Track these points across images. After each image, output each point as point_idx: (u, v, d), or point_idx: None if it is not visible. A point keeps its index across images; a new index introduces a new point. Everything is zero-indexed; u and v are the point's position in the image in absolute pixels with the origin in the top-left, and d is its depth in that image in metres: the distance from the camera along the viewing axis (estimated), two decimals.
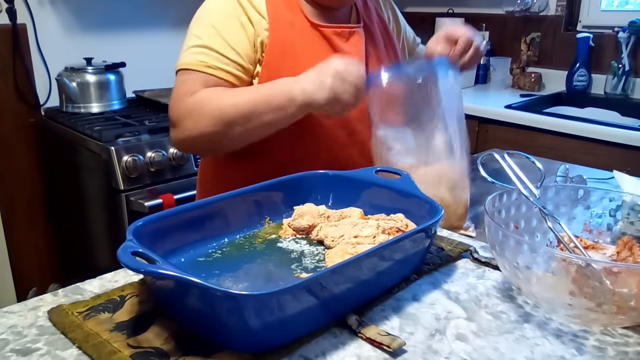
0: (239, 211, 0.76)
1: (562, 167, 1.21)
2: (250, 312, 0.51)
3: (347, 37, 1.05)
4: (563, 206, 0.78)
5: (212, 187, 1.09)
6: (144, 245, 0.57)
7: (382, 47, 1.13)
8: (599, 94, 2.31)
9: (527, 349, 0.57)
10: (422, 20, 2.88)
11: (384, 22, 1.18)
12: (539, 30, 2.51)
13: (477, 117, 2.13)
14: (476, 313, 0.64)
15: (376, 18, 1.15)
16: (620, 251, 0.69)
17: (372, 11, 1.15)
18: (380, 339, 0.56)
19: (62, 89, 1.99)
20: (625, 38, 2.19)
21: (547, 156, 1.48)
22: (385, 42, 1.15)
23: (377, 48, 1.12)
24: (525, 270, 0.62)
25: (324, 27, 1.02)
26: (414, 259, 0.70)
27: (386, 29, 1.17)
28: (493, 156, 0.77)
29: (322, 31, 1.02)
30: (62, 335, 0.57)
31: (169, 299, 0.59)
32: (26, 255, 2.13)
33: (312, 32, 1.01)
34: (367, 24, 1.11)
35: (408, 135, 0.93)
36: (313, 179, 0.88)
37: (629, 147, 1.75)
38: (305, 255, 0.73)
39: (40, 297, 0.65)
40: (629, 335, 0.60)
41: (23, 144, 2.05)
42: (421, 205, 0.76)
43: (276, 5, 0.99)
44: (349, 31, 1.05)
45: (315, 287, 0.55)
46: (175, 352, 0.54)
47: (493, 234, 0.65)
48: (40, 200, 2.14)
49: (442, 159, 0.92)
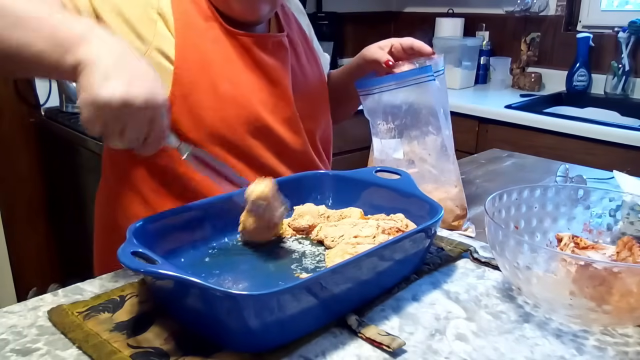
0: (239, 211, 0.76)
1: (562, 167, 1.21)
2: (250, 312, 0.51)
3: (270, 48, 0.91)
4: (563, 206, 0.78)
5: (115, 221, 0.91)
6: (144, 245, 0.57)
7: (305, 59, 1.00)
8: (599, 94, 2.31)
9: (527, 349, 0.57)
10: (422, 20, 2.88)
11: (303, 31, 1.05)
12: (539, 30, 2.51)
13: (477, 117, 2.13)
14: (476, 313, 0.64)
15: (295, 26, 1.02)
16: (620, 251, 0.69)
17: (291, 18, 1.02)
18: (380, 339, 0.56)
19: (62, 89, 1.99)
20: (625, 38, 2.19)
21: (547, 156, 1.48)
22: (307, 54, 1.02)
23: (300, 61, 0.99)
24: (525, 270, 0.62)
25: (243, 36, 0.87)
26: (414, 259, 0.70)
27: (306, 39, 1.04)
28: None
29: (240, 40, 0.87)
30: (62, 335, 0.57)
31: (169, 299, 0.59)
32: (26, 255, 2.13)
33: (228, 42, 0.86)
34: (289, 33, 0.97)
35: (403, 141, 0.94)
36: (313, 179, 0.88)
37: (629, 147, 1.75)
38: (306, 255, 0.73)
39: (40, 297, 0.65)
40: (629, 335, 0.60)
41: (23, 144, 2.05)
42: (421, 205, 0.76)
43: (183, 5, 0.84)
44: (272, 41, 0.91)
45: (315, 287, 0.55)
46: (175, 352, 0.54)
47: (493, 234, 0.65)
48: (40, 200, 2.14)
49: (439, 161, 0.92)
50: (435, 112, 0.91)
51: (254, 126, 0.87)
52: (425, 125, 0.92)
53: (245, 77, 0.87)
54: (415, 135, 0.93)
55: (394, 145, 0.94)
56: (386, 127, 0.94)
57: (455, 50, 2.52)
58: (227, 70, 0.86)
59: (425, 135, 0.92)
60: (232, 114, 0.85)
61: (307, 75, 1.00)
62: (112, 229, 0.92)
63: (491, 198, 0.72)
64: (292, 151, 0.93)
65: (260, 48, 0.89)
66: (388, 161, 0.94)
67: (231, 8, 0.86)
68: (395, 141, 0.94)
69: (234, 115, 0.85)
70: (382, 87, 0.93)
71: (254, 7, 0.87)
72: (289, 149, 0.93)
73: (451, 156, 0.92)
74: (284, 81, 0.91)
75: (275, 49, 0.92)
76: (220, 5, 0.87)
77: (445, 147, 0.91)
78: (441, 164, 0.92)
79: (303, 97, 0.96)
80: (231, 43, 0.87)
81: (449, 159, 0.92)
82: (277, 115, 0.90)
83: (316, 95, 1.02)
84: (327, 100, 1.05)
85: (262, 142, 0.89)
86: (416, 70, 0.92)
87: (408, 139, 0.93)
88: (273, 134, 0.90)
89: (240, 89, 0.86)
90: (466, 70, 2.56)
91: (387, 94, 0.94)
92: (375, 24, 3.04)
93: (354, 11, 2.93)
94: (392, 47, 0.97)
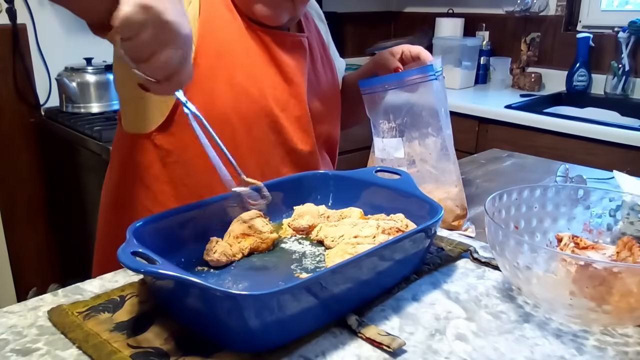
0: (239, 211, 0.76)
1: (562, 167, 1.21)
2: (250, 312, 0.51)
3: (289, 47, 0.92)
4: (563, 206, 0.78)
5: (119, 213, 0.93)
6: (144, 245, 0.57)
7: (320, 64, 1.01)
8: (599, 94, 2.32)
9: (527, 349, 0.57)
10: (422, 20, 2.88)
11: (321, 37, 1.06)
12: (539, 30, 2.51)
13: (477, 117, 2.13)
14: (476, 313, 0.64)
15: (315, 31, 1.04)
16: (620, 251, 0.69)
17: (311, 23, 1.03)
18: (380, 339, 0.56)
19: (62, 89, 1.99)
20: (625, 38, 2.19)
21: (547, 156, 1.48)
22: (323, 60, 1.03)
23: (316, 65, 1.00)
24: (525, 270, 0.62)
25: (263, 33, 0.90)
26: (413, 259, 0.70)
27: (323, 45, 1.05)
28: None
29: (260, 36, 0.89)
30: (62, 335, 0.57)
31: (169, 299, 0.59)
32: (26, 255, 2.13)
33: (249, 35, 0.89)
34: (308, 36, 0.98)
35: (404, 142, 0.94)
36: (313, 179, 0.88)
37: (629, 147, 1.75)
38: (306, 256, 0.73)
39: (40, 297, 0.65)
40: (629, 335, 0.60)
41: (23, 144, 2.05)
42: (421, 205, 0.76)
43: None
44: (291, 40, 0.93)
45: (315, 287, 0.55)
46: (175, 352, 0.54)
47: (493, 234, 0.65)
48: (40, 200, 2.14)
49: (440, 161, 0.92)
50: (436, 112, 0.91)
51: (265, 121, 0.88)
52: (425, 125, 0.92)
53: (261, 72, 0.89)
54: (416, 135, 0.93)
55: (395, 144, 0.94)
56: (388, 126, 0.94)
57: (455, 50, 2.52)
58: (244, 62, 0.87)
59: (426, 135, 0.92)
60: (245, 105, 0.86)
61: (321, 80, 1.01)
62: (114, 219, 0.94)
63: (491, 198, 0.72)
64: (299, 151, 0.94)
65: (278, 45, 0.91)
66: (388, 161, 0.94)
67: (253, 12, 0.88)
68: (396, 140, 0.94)
69: (246, 108, 0.86)
70: (385, 86, 0.94)
71: (276, 14, 0.88)
72: (297, 149, 0.94)
73: (451, 156, 0.92)
74: (298, 80, 0.92)
75: (294, 48, 0.93)
76: (243, 7, 0.89)
77: (446, 147, 0.92)
78: (441, 164, 0.92)
79: (316, 100, 0.97)
80: (251, 37, 0.89)
81: (449, 159, 0.92)
82: (289, 113, 0.91)
83: (328, 100, 1.03)
84: (339, 108, 1.07)
85: (270, 138, 0.90)
86: (418, 69, 0.92)
87: (409, 138, 0.93)
88: (283, 131, 0.91)
89: (255, 82, 0.88)
90: (466, 70, 2.56)
91: (390, 93, 0.94)
92: (375, 24, 3.04)
93: (354, 11, 2.93)
94: (403, 53, 0.99)
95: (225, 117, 0.85)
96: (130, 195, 0.90)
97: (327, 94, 1.02)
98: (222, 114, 0.84)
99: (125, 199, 0.92)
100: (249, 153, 0.88)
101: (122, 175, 0.93)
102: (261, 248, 0.73)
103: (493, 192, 0.73)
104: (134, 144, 0.89)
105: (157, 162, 0.88)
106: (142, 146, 0.88)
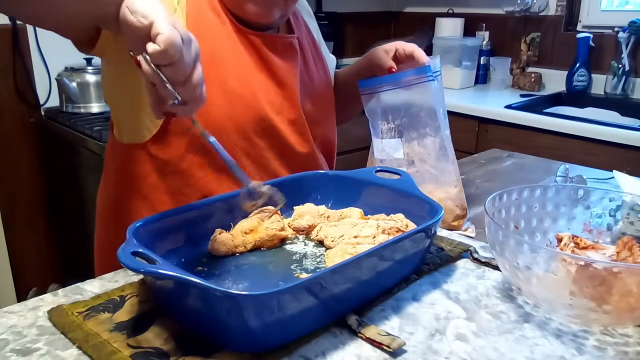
0: (239, 211, 0.76)
1: (562, 167, 1.21)
2: (250, 312, 0.51)
3: (280, 49, 0.91)
4: (563, 206, 0.78)
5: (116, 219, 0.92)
6: (144, 245, 0.57)
7: (312, 63, 1.00)
8: (599, 94, 2.31)
9: (527, 349, 0.57)
10: (422, 20, 2.88)
11: (311, 35, 1.04)
12: (539, 30, 2.51)
13: (477, 117, 2.13)
14: (476, 313, 0.64)
15: (305, 30, 1.02)
16: (620, 251, 0.69)
17: (300, 22, 1.02)
18: (380, 339, 0.56)
19: (62, 89, 1.99)
20: (625, 38, 2.19)
21: (547, 156, 1.48)
22: (315, 59, 1.02)
23: (308, 64, 0.98)
24: (525, 270, 0.62)
25: (253, 36, 0.88)
26: (413, 259, 0.70)
27: (314, 43, 1.04)
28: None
29: (250, 40, 0.88)
30: (62, 335, 0.57)
31: (169, 299, 0.59)
32: (26, 255, 2.13)
33: (238, 40, 0.87)
34: (298, 36, 0.97)
35: (403, 142, 0.94)
36: (313, 179, 0.88)
37: (629, 147, 1.75)
38: (307, 256, 0.73)
39: (40, 297, 0.65)
40: (629, 335, 0.60)
41: (23, 144, 2.05)
42: (421, 205, 0.76)
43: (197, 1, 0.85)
44: (281, 42, 0.92)
45: (315, 287, 0.55)
46: (175, 352, 0.54)
47: (493, 234, 0.65)
48: (40, 200, 2.14)
49: (439, 161, 0.92)
50: (434, 112, 0.91)
51: (260, 126, 0.87)
52: (424, 125, 0.92)
53: (254, 76, 0.88)
54: (415, 136, 0.93)
55: (395, 144, 0.94)
56: (387, 126, 0.94)
57: (455, 50, 2.51)
58: (236, 67, 0.86)
59: (424, 135, 0.92)
60: (239, 111, 0.85)
61: (314, 79, 1.00)
62: (113, 226, 0.93)
63: (491, 198, 0.72)
64: (297, 154, 0.93)
65: (269, 48, 0.89)
66: (388, 161, 0.94)
67: (244, 11, 0.87)
68: (395, 141, 0.94)
69: (241, 113, 0.85)
70: (383, 86, 0.94)
71: (268, 12, 0.87)
72: (294, 152, 0.93)
73: (451, 156, 0.92)
74: (291, 83, 0.91)
75: (285, 50, 0.92)
76: (232, 7, 0.87)
77: (445, 147, 0.92)
78: (441, 164, 0.92)
79: (310, 101, 0.96)
80: (241, 41, 0.87)
81: (448, 159, 0.92)
82: (283, 116, 0.90)
83: (323, 99, 1.02)
84: (333, 106, 1.05)
85: (267, 142, 0.89)
86: (416, 70, 0.92)
87: (408, 139, 0.93)
88: (279, 135, 0.90)
89: (248, 87, 0.86)
90: (466, 70, 2.56)
91: (388, 93, 0.94)
92: (375, 24, 3.04)
93: (354, 11, 2.93)
94: (397, 51, 0.98)
95: (220, 124, 0.84)
96: (128, 206, 0.89)
97: (321, 94, 1.01)
98: (217, 121, 0.83)
99: (123, 209, 0.90)
100: (246, 158, 0.87)
101: (118, 185, 0.91)
102: (267, 245, 0.73)
103: (493, 192, 0.73)
104: (129, 154, 0.88)
105: (153, 173, 0.86)
106: (137, 157, 0.86)
